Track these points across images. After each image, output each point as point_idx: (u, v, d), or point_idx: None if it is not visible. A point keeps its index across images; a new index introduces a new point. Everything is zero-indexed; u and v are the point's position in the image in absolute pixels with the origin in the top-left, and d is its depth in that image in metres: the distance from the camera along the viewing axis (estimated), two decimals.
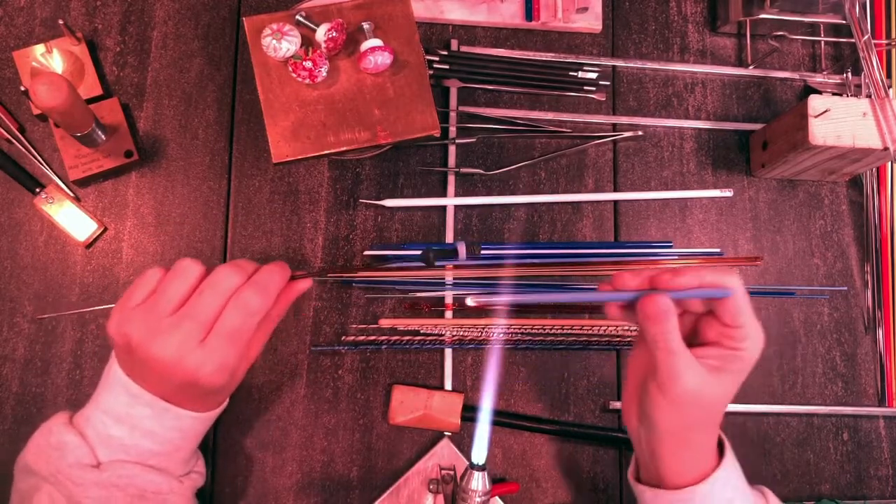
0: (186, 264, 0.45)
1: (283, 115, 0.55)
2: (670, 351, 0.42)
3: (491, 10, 0.68)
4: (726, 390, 0.45)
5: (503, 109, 0.67)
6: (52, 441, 0.45)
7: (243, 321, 0.44)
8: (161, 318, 0.43)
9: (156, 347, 0.43)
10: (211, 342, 0.43)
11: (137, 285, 0.45)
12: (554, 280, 0.64)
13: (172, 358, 0.43)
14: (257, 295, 0.45)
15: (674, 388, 0.43)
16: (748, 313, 0.44)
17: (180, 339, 0.43)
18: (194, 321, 0.43)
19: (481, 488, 0.51)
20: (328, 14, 0.57)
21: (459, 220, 0.64)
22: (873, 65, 0.66)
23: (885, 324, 0.67)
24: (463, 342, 0.62)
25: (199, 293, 0.44)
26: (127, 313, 0.44)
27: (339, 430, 0.60)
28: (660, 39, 0.71)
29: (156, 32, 0.64)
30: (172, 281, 0.44)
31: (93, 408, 0.46)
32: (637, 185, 0.68)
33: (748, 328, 0.44)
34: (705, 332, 0.46)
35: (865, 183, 0.69)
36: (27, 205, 0.61)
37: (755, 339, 0.44)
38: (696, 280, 0.43)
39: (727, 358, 0.44)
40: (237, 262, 0.46)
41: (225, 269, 0.45)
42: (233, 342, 0.44)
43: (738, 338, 0.44)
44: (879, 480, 0.65)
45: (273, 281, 0.46)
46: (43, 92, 0.50)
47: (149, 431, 0.45)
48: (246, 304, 0.44)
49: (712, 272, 0.44)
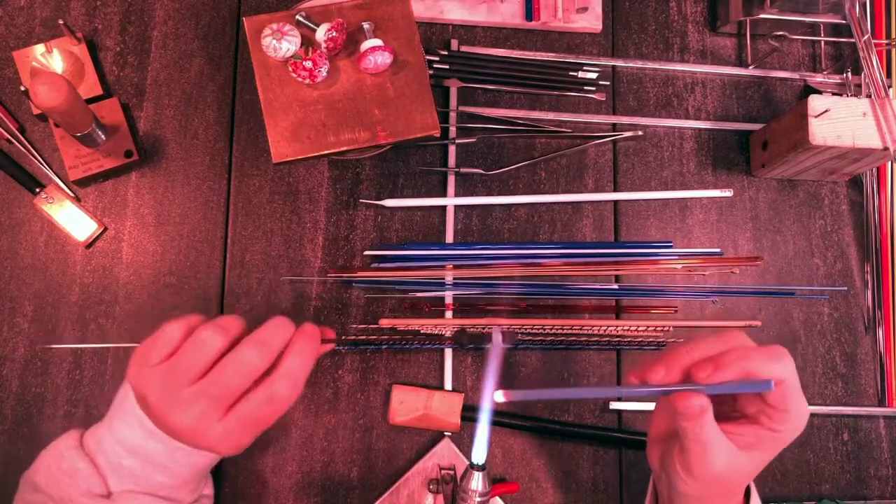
0: (208, 335, 0.43)
1: (283, 115, 0.55)
2: (702, 443, 0.40)
3: (491, 10, 0.68)
4: (757, 466, 0.42)
5: (503, 109, 0.67)
6: (63, 466, 0.44)
7: (269, 413, 0.43)
8: (180, 386, 0.42)
9: (173, 417, 0.42)
10: (231, 422, 0.43)
11: (156, 341, 0.44)
12: (554, 280, 0.64)
13: (189, 429, 0.42)
14: (286, 387, 0.43)
15: (699, 470, 0.41)
16: (796, 398, 0.40)
17: (198, 414, 0.42)
18: (214, 399, 0.42)
19: (481, 488, 0.51)
20: (328, 14, 0.57)
21: (459, 220, 0.64)
22: (873, 65, 0.66)
23: (885, 324, 0.67)
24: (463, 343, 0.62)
25: (223, 369, 0.42)
26: (146, 372, 0.43)
27: (339, 430, 0.60)
28: (660, 39, 0.71)
29: (156, 32, 0.64)
30: (194, 351, 0.43)
31: (106, 433, 0.45)
32: (637, 185, 0.68)
33: (793, 412, 0.40)
34: (744, 405, 0.42)
35: (865, 183, 0.69)
36: (27, 205, 0.60)
37: (798, 422, 0.41)
38: (740, 371, 0.39)
39: (763, 437, 0.41)
40: (263, 339, 0.43)
41: (250, 347, 0.43)
42: (253, 428, 0.44)
43: (779, 420, 0.40)
44: (879, 480, 0.65)
45: (304, 367, 0.44)
46: (43, 92, 0.50)
47: (161, 466, 0.44)
48: (274, 395, 0.43)
49: (759, 358, 0.39)
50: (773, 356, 0.40)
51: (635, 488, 0.62)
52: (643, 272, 0.65)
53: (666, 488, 0.46)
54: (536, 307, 0.64)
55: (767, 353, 0.40)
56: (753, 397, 0.41)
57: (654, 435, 0.47)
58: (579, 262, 0.64)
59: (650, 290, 0.65)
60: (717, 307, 0.66)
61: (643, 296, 0.65)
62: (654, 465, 0.47)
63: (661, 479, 0.47)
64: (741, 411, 0.43)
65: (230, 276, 0.62)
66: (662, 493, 0.47)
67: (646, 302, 0.65)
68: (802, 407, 0.41)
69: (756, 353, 0.40)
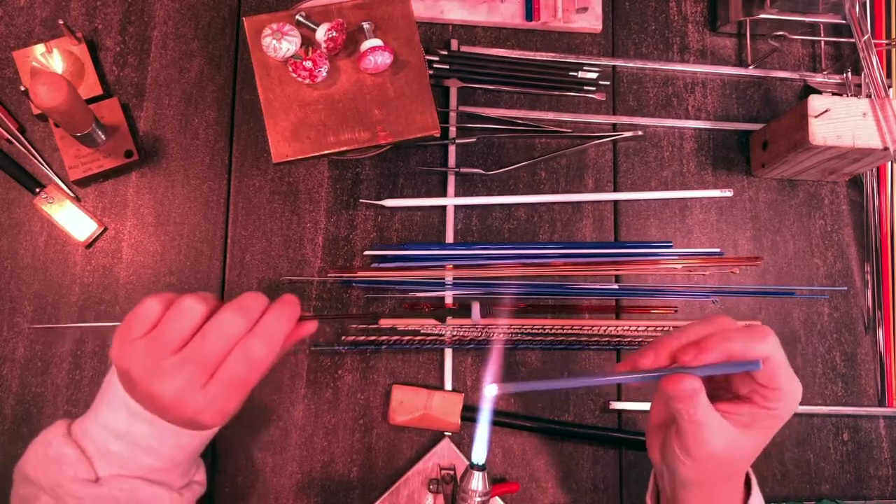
0: (189, 304, 0.43)
1: (283, 115, 0.55)
2: (696, 422, 0.40)
3: (491, 10, 0.68)
4: (755, 446, 0.43)
5: (503, 109, 0.67)
6: (50, 453, 0.44)
7: (248, 372, 0.44)
8: (162, 356, 0.42)
9: (157, 387, 0.42)
10: (213, 389, 0.43)
11: (136, 316, 0.43)
12: (554, 280, 0.64)
13: (173, 399, 0.42)
14: (263, 345, 0.43)
15: (698, 451, 0.41)
16: (785, 375, 0.40)
17: (182, 383, 0.42)
18: (196, 365, 0.42)
19: (481, 488, 0.51)
20: (328, 14, 0.57)
21: (459, 220, 0.64)
22: (873, 65, 0.66)
23: (885, 324, 0.67)
24: (463, 342, 0.62)
25: (203, 336, 0.42)
26: (127, 346, 0.43)
27: (339, 430, 0.60)
28: (660, 39, 0.71)
29: (156, 32, 0.64)
30: (175, 319, 0.43)
31: (92, 420, 0.45)
32: (637, 185, 0.68)
33: (784, 390, 0.41)
34: (737, 385, 0.43)
35: (865, 183, 0.69)
36: (27, 205, 0.61)
37: (791, 399, 0.41)
38: (723, 352, 0.39)
39: (759, 416, 0.41)
40: (243, 304, 0.44)
41: (230, 311, 0.43)
42: (236, 391, 0.44)
43: (772, 398, 0.41)
44: (879, 480, 0.65)
45: (281, 328, 0.45)
46: (43, 92, 0.50)
47: (148, 448, 0.44)
48: (251, 354, 0.43)
49: (741, 338, 0.39)
50: (756, 336, 0.40)
51: (635, 488, 0.62)
52: (643, 272, 0.65)
53: (668, 482, 0.46)
54: (536, 307, 0.64)
55: (750, 334, 0.40)
56: (745, 377, 0.42)
57: (652, 424, 0.47)
58: (579, 262, 0.64)
59: (650, 290, 0.65)
60: (717, 307, 0.66)
61: (643, 296, 0.65)
62: (654, 457, 0.47)
63: (663, 473, 0.47)
64: (735, 392, 0.43)
65: (230, 276, 0.62)
66: (665, 487, 0.47)
67: (646, 302, 0.65)
68: (794, 384, 0.41)
69: (738, 334, 0.40)
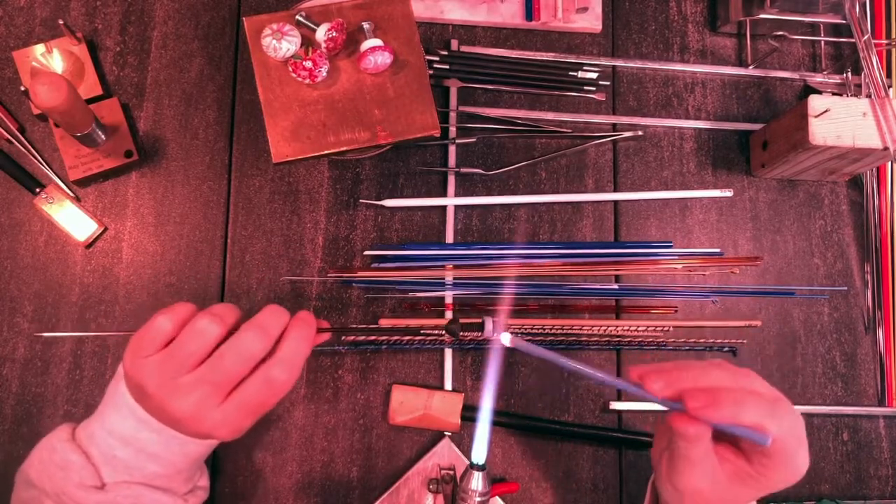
0: (204, 324, 0.43)
1: (283, 115, 0.55)
2: (690, 461, 0.40)
3: (491, 10, 0.68)
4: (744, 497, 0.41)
5: (503, 109, 0.67)
6: (55, 459, 0.44)
7: (267, 398, 0.43)
8: (178, 374, 0.42)
9: (173, 403, 0.42)
10: (229, 408, 0.43)
11: (147, 333, 0.43)
12: (554, 280, 0.64)
13: (188, 415, 0.42)
14: (284, 371, 0.43)
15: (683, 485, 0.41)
16: (791, 453, 0.39)
17: (198, 400, 0.42)
18: (214, 386, 0.42)
19: (481, 488, 0.51)
20: (328, 14, 0.57)
21: (459, 220, 0.64)
22: (873, 65, 0.66)
23: (885, 324, 0.67)
24: (463, 342, 0.62)
25: (221, 356, 0.42)
26: (141, 362, 0.43)
27: (339, 430, 0.60)
28: (660, 39, 0.71)
29: (156, 32, 0.64)
30: (190, 340, 0.43)
31: (98, 425, 0.45)
32: (637, 185, 0.68)
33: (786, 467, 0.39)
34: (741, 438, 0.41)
35: (865, 183, 0.69)
36: (27, 205, 0.61)
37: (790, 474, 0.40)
38: (734, 417, 0.37)
39: (751, 475, 0.40)
40: (262, 324, 0.43)
41: (249, 332, 0.43)
42: (253, 413, 0.44)
43: (769, 466, 0.39)
44: (879, 480, 0.65)
45: (301, 353, 0.44)
46: (43, 92, 0.50)
47: (154, 455, 0.44)
48: (272, 381, 0.43)
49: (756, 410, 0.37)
50: (771, 411, 0.38)
51: (635, 488, 0.62)
52: (643, 272, 0.65)
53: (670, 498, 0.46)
54: (536, 307, 0.64)
55: (765, 407, 0.38)
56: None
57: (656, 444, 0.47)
58: (579, 262, 0.64)
59: (650, 290, 0.65)
60: (717, 307, 0.66)
61: (643, 296, 0.65)
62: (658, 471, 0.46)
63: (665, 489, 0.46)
64: (736, 443, 0.42)
65: (230, 276, 0.62)
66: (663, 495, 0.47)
67: (646, 302, 0.65)
68: (799, 461, 0.39)
69: (753, 401, 0.38)
